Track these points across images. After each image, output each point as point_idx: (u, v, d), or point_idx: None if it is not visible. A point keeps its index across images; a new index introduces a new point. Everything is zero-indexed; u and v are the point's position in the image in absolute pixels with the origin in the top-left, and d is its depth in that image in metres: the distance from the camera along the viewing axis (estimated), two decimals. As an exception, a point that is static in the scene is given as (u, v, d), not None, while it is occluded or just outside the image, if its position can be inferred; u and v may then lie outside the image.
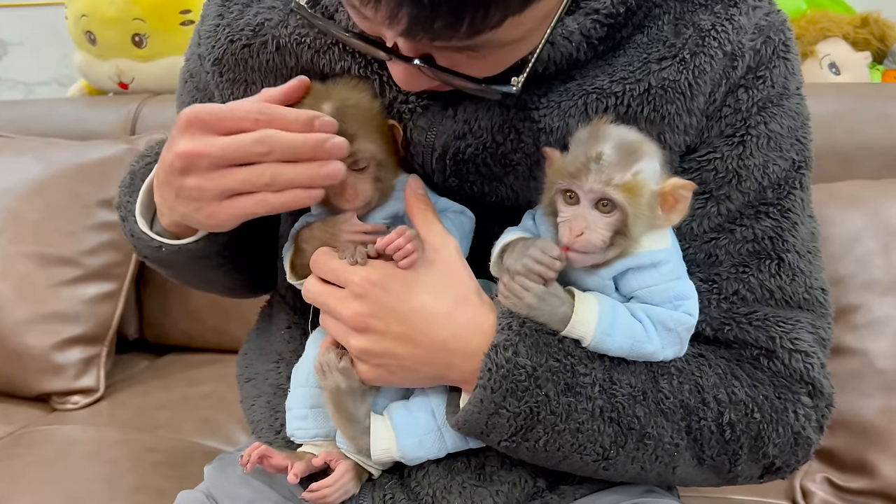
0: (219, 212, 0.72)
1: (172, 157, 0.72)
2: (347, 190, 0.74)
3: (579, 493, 0.81)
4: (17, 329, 1.50)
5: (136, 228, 0.84)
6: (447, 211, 0.79)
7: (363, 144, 0.73)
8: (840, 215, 1.24)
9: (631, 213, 0.68)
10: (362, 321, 0.72)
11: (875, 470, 1.11)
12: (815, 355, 0.78)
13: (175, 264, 0.87)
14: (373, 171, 0.75)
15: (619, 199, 0.68)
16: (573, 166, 0.69)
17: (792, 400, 0.78)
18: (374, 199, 0.76)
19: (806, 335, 0.78)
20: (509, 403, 0.71)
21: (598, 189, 0.68)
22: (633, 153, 0.68)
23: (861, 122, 1.38)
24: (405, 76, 0.69)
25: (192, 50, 0.92)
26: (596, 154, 0.68)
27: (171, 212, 0.77)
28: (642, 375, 0.74)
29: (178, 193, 0.73)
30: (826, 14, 1.62)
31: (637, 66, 0.75)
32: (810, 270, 0.80)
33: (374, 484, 0.80)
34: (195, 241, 0.82)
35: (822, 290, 0.80)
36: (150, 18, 1.79)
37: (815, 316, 0.80)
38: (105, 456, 1.29)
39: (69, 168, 1.61)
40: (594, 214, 0.69)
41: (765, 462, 0.79)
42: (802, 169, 0.79)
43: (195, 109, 0.71)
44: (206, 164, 0.70)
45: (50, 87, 2.34)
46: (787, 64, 0.78)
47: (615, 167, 0.68)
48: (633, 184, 0.68)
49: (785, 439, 0.78)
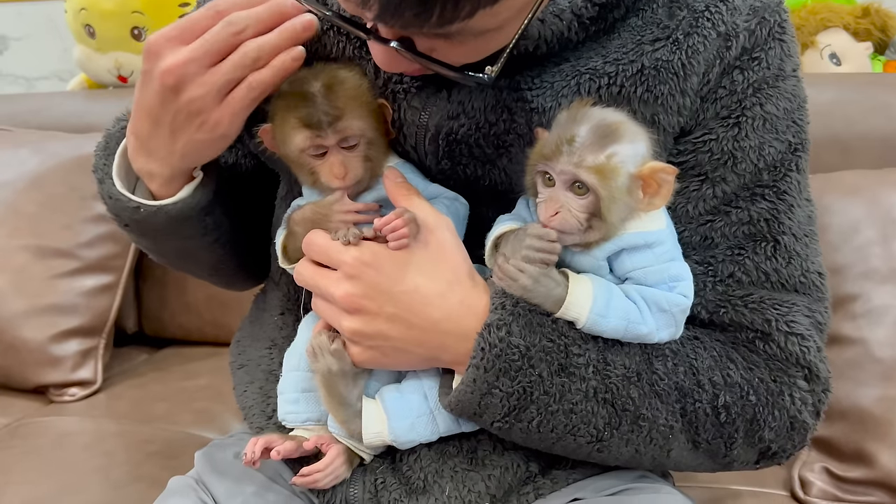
0: (222, 116, 0.74)
1: (160, 79, 0.72)
2: (337, 168, 0.74)
3: (572, 477, 0.80)
4: (15, 321, 1.49)
5: (114, 190, 0.83)
6: (440, 197, 0.78)
7: (352, 121, 0.73)
8: (839, 204, 1.23)
9: (604, 195, 0.67)
10: (354, 302, 0.72)
11: (873, 459, 1.10)
12: (812, 339, 0.78)
13: (155, 230, 0.86)
14: (363, 148, 0.74)
15: (589, 182, 0.67)
16: (548, 148, 0.69)
17: (788, 383, 0.77)
18: (365, 178, 0.76)
19: (802, 318, 0.77)
20: (502, 383, 0.70)
21: (568, 171, 0.68)
22: (608, 135, 0.68)
23: (861, 112, 1.37)
24: (384, 57, 0.69)
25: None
26: (569, 136, 0.68)
27: (168, 159, 0.77)
28: (636, 357, 0.74)
29: (174, 121, 0.74)
30: (827, 4, 1.61)
31: (630, 47, 0.74)
32: (807, 254, 0.79)
33: (366, 469, 0.80)
34: (174, 202, 0.81)
35: (818, 273, 0.80)
36: (149, 11, 1.79)
37: (812, 300, 0.79)
38: (101, 447, 1.29)
39: (67, 160, 1.61)
40: (568, 196, 0.69)
41: (761, 447, 0.78)
42: (799, 151, 0.79)
43: (159, 33, 0.73)
44: (195, 68, 0.71)
45: (50, 81, 2.34)
46: (783, 45, 0.78)
47: (587, 149, 0.67)
48: (605, 166, 0.67)
49: (781, 423, 0.77)
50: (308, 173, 0.76)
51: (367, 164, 0.75)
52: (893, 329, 1.14)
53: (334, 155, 0.74)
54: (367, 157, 0.75)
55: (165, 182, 0.80)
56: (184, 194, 0.82)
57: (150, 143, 0.76)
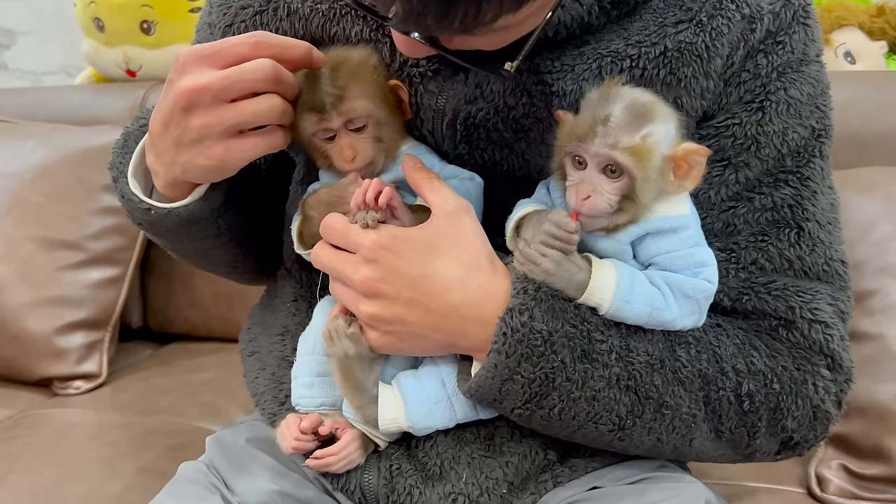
0: (223, 154, 0.72)
1: (175, 96, 0.71)
2: (346, 151, 0.73)
3: (591, 466, 0.79)
4: (20, 313, 1.48)
5: (127, 189, 0.82)
6: (456, 178, 0.77)
7: (356, 101, 0.72)
8: (856, 200, 1.23)
9: (639, 177, 0.66)
10: (372, 286, 0.71)
11: (892, 456, 1.09)
12: (835, 327, 0.76)
13: (167, 232, 0.85)
14: (372, 130, 0.74)
15: (625, 163, 0.66)
16: (580, 129, 0.67)
17: (811, 372, 0.76)
18: (378, 160, 0.75)
19: (825, 306, 0.76)
20: (524, 369, 0.69)
21: (603, 153, 0.66)
22: (643, 115, 0.67)
23: (877, 109, 1.37)
24: (406, 45, 0.69)
25: (203, 20, 0.91)
26: (604, 116, 0.66)
27: (170, 166, 0.76)
28: (659, 344, 0.72)
29: (180, 138, 0.72)
30: (842, 3, 1.61)
31: (653, 29, 0.74)
32: (830, 241, 0.78)
33: (381, 455, 0.79)
34: (185, 204, 0.80)
35: (841, 262, 0.79)
36: (158, 5, 1.79)
37: (835, 288, 0.78)
38: (105, 438, 1.28)
39: (74, 152, 1.60)
40: (601, 178, 0.67)
41: (783, 436, 0.77)
42: (822, 137, 0.78)
43: (193, 48, 0.72)
44: (210, 97, 0.70)
45: (58, 76, 2.34)
46: (807, 30, 0.77)
47: (623, 130, 0.66)
48: (641, 147, 0.66)
49: (804, 412, 0.76)
50: (322, 157, 0.76)
51: (378, 145, 0.74)
52: (912, 325, 1.13)
53: (343, 138, 0.73)
54: (377, 138, 0.74)
55: (168, 185, 0.79)
56: (195, 197, 0.80)
57: (159, 146, 0.76)
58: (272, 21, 0.82)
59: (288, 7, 0.81)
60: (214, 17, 0.86)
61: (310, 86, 0.73)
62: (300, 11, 0.80)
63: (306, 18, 0.80)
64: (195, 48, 0.71)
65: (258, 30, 0.82)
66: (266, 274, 1.00)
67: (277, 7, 0.81)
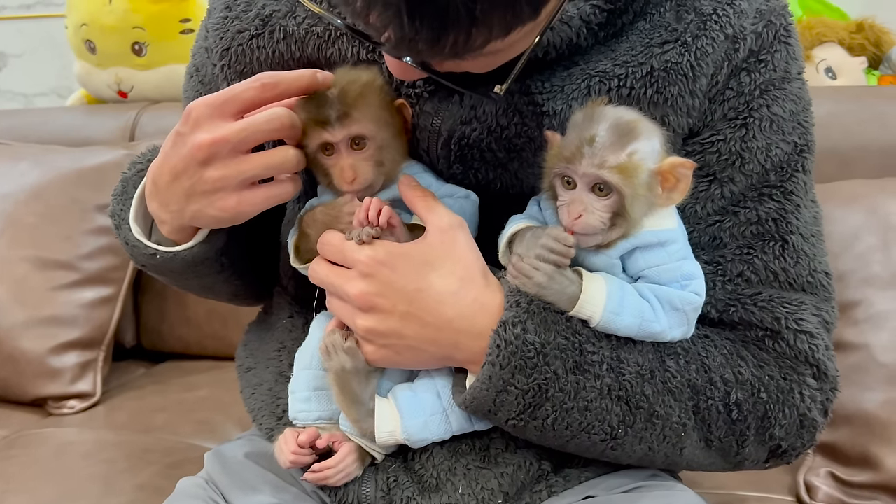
0: (237, 205, 0.74)
1: (191, 149, 0.72)
2: (346, 171, 0.74)
3: (584, 475, 0.80)
4: (14, 333, 1.49)
5: (131, 236, 0.84)
6: (452, 196, 0.78)
7: (360, 119, 0.73)
8: (839, 213, 1.25)
9: (627, 194, 0.68)
10: (369, 300, 0.72)
11: (879, 463, 1.11)
12: (820, 337, 0.78)
13: (173, 272, 0.86)
14: (373, 152, 0.75)
15: (613, 181, 0.67)
16: (568, 150, 0.69)
17: (798, 381, 0.78)
18: (377, 182, 0.76)
19: (810, 317, 0.78)
20: (518, 380, 0.70)
21: (591, 173, 0.68)
22: (627, 133, 0.68)
23: (858, 124, 1.39)
24: (398, 68, 0.70)
25: (199, 44, 0.92)
26: (589, 137, 0.68)
27: (178, 214, 0.77)
28: (649, 355, 0.74)
29: (192, 189, 0.74)
30: (822, 20, 1.64)
31: (640, 49, 0.75)
32: (814, 253, 0.80)
33: (378, 468, 0.79)
34: (189, 247, 0.82)
35: (825, 273, 0.81)
36: (149, 27, 1.80)
37: (819, 299, 0.80)
38: (101, 456, 1.28)
39: (67, 173, 1.61)
40: (591, 197, 0.69)
41: (771, 444, 0.79)
42: (805, 152, 0.80)
43: (203, 100, 0.73)
44: (228, 149, 0.72)
45: (49, 98, 2.35)
46: (789, 48, 0.79)
47: (608, 149, 0.68)
48: (627, 165, 0.68)
49: (791, 421, 0.78)
50: (324, 174, 0.77)
51: (378, 168, 0.75)
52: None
53: (345, 157, 0.74)
54: (378, 161, 0.75)
55: (175, 230, 0.80)
56: (198, 239, 0.82)
57: (166, 196, 0.77)
58: (268, 44, 0.83)
59: (284, 30, 0.82)
60: (211, 41, 0.88)
61: (317, 102, 0.74)
62: (296, 34, 0.81)
63: (302, 41, 0.81)
64: (205, 101, 0.73)
65: (255, 52, 0.83)
66: (267, 296, 1.01)
67: (273, 30, 0.82)
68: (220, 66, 0.87)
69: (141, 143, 1.70)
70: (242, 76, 0.84)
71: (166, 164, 0.75)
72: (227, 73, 0.86)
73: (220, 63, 0.87)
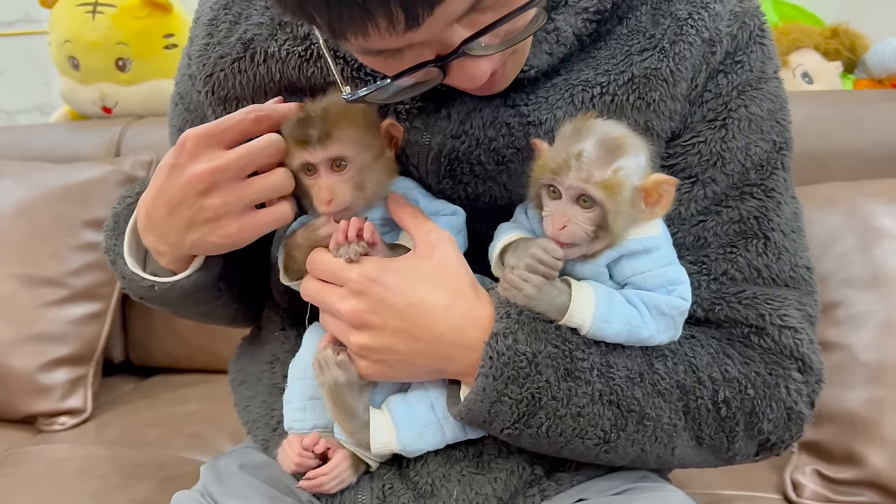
0: (239, 230, 0.76)
1: (189, 180, 0.74)
2: (323, 191, 0.74)
3: (576, 479, 0.81)
4: (2, 350, 1.49)
5: (127, 270, 0.84)
6: (439, 213, 0.79)
7: (341, 142, 0.73)
8: (818, 216, 1.27)
9: (610, 209, 0.69)
10: (361, 317, 0.73)
11: (863, 460, 1.12)
12: (804, 331, 0.80)
13: (171, 302, 0.87)
14: (353, 174, 0.74)
15: (597, 197, 0.69)
16: (555, 162, 0.70)
17: (783, 376, 0.79)
18: (357, 204, 0.75)
19: (794, 312, 0.80)
20: (511, 391, 0.72)
21: (577, 186, 0.69)
22: (614, 150, 0.69)
23: (835, 128, 1.41)
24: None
25: (182, 72, 0.93)
26: (577, 151, 0.69)
27: (177, 245, 0.78)
28: (638, 358, 0.75)
29: (192, 219, 0.75)
30: (797, 26, 1.67)
31: (620, 58, 0.77)
32: (795, 249, 0.81)
33: (373, 475, 0.81)
34: (187, 276, 0.83)
35: (806, 268, 0.82)
36: (133, 43, 1.80)
37: (802, 293, 0.81)
38: (94, 471, 1.28)
39: (53, 189, 1.61)
40: (575, 209, 0.70)
41: (760, 438, 0.80)
42: (784, 150, 0.82)
43: (197, 131, 0.74)
44: (228, 177, 0.74)
45: (31, 114, 2.34)
46: (764, 49, 0.81)
47: (595, 164, 0.69)
48: (612, 181, 0.69)
49: (778, 414, 0.79)
50: (304, 194, 0.77)
51: (358, 191, 0.75)
52: (876, 333, 1.17)
53: (324, 178, 0.74)
54: (358, 184, 0.75)
55: (173, 261, 0.81)
56: (196, 266, 0.83)
57: (163, 228, 0.78)
58: (249, 67, 0.83)
59: (265, 52, 0.82)
60: (194, 68, 0.88)
61: (301, 121, 0.74)
62: (276, 55, 0.81)
63: (283, 61, 0.81)
64: (199, 131, 0.74)
65: (237, 77, 0.84)
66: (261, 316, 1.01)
67: (254, 53, 0.83)
68: (204, 93, 0.87)
69: (127, 158, 1.70)
70: (226, 101, 0.86)
71: (161, 196, 0.76)
72: (212, 99, 0.87)
73: (203, 89, 0.87)
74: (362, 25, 0.58)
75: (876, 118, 1.41)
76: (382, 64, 0.65)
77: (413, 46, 0.62)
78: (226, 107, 0.86)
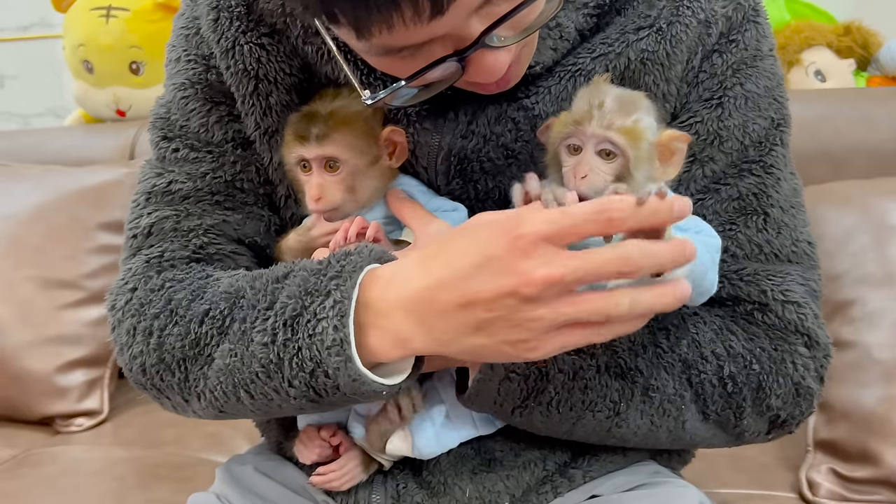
0: (542, 347, 0.62)
1: (520, 282, 0.59)
2: (313, 189, 0.74)
3: (589, 476, 0.82)
4: (20, 352, 1.50)
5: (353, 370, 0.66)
6: (439, 210, 0.79)
7: (338, 145, 0.74)
8: (832, 214, 1.27)
9: (632, 156, 0.68)
10: None
11: (879, 458, 1.12)
12: (808, 306, 0.79)
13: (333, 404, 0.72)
14: (345, 176, 0.75)
15: (620, 143, 0.68)
16: (577, 114, 0.70)
17: (789, 351, 0.79)
18: (347, 207, 0.76)
19: (797, 287, 0.79)
20: (518, 366, 0.72)
21: (600, 133, 0.69)
22: (632, 103, 0.70)
23: (848, 125, 1.41)
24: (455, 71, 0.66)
25: (188, 57, 0.89)
26: (599, 101, 0.69)
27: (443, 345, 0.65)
28: (640, 332, 0.74)
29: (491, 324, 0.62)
30: (809, 23, 1.66)
31: (615, 37, 0.77)
32: (795, 224, 0.81)
33: (386, 475, 0.81)
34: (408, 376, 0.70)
35: (808, 242, 0.82)
36: (146, 46, 1.82)
37: (804, 268, 0.81)
38: (111, 473, 1.29)
39: (68, 193, 1.62)
40: (597, 160, 0.70)
41: (769, 415, 0.80)
42: (782, 127, 0.81)
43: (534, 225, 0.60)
44: (558, 291, 0.60)
45: (45, 118, 2.36)
46: (758, 27, 0.81)
47: (616, 113, 0.69)
48: (633, 129, 0.69)
49: (786, 390, 0.78)
50: (299, 191, 0.78)
51: (348, 194, 0.75)
52: (891, 331, 1.17)
53: (315, 176, 0.75)
54: (350, 186, 0.75)
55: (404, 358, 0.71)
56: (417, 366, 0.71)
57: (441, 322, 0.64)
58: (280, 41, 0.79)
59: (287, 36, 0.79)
60: (210, 44, 0.83)
61: (307, 117, 0.75)
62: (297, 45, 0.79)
63: (300, 52, 0.79)
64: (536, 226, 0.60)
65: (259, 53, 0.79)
66: None
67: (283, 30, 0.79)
68: (224, 67, 0.82)
69: (140, 161, 1.70)
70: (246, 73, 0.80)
71: (462, 286, 0.62)
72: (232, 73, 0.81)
73: (223, 63, 0.82)
74: (388, 17, 0.58)
75: (889, 116, 1.40)
76: (399, 64, 0.65)
77: (432, 42, 0.63)
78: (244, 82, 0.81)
